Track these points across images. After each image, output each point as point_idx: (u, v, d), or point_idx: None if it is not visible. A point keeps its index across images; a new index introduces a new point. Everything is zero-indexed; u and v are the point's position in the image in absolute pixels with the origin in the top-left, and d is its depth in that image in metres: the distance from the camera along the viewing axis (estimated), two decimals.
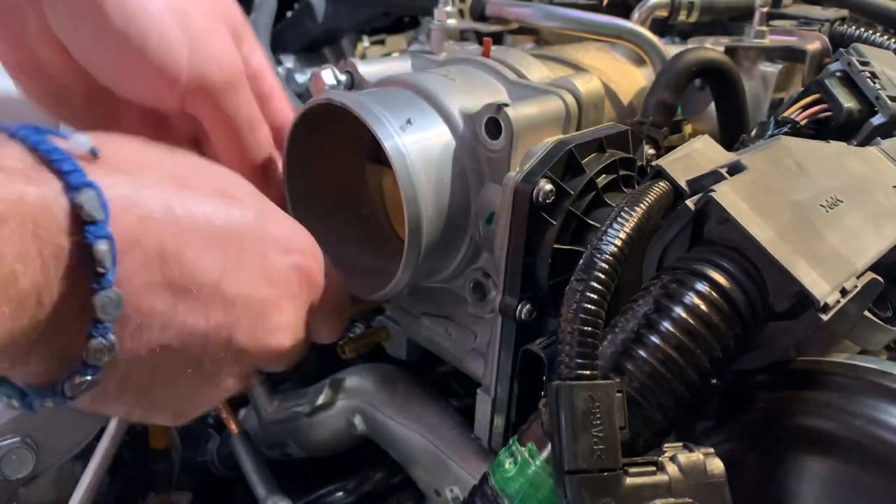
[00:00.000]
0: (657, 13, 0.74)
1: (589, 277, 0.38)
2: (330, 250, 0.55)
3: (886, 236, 0.46)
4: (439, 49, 0.72)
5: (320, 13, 1.12)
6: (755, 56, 0.73)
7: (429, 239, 0.55)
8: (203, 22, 0.54)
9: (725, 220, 0.42)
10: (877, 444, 0.40)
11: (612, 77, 0.70)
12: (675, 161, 0.46)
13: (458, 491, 0.62)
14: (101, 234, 0.37)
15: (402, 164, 0.53)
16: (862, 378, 0.42)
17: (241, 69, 0.57)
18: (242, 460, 0.76)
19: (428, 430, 0.66)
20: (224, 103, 0.56)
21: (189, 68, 0.53)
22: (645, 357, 0.40)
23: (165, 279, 0.42)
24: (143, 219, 0.41)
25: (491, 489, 0.41)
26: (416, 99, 0.57)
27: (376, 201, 0.68)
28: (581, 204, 0.54)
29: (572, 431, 0.37)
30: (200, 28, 0.53)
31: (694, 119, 0.75)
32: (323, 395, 0.75)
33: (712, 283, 0.42)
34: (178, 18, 0.52)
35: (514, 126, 0.53)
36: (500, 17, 0.73)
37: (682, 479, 0.37)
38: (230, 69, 0.56)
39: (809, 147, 0.51)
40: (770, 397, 0.45)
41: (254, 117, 0.59)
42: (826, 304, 0.40)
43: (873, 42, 0.75)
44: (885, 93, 0.59)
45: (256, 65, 0.61)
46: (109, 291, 0.38)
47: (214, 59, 0.54)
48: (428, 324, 0.67)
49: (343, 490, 0.81)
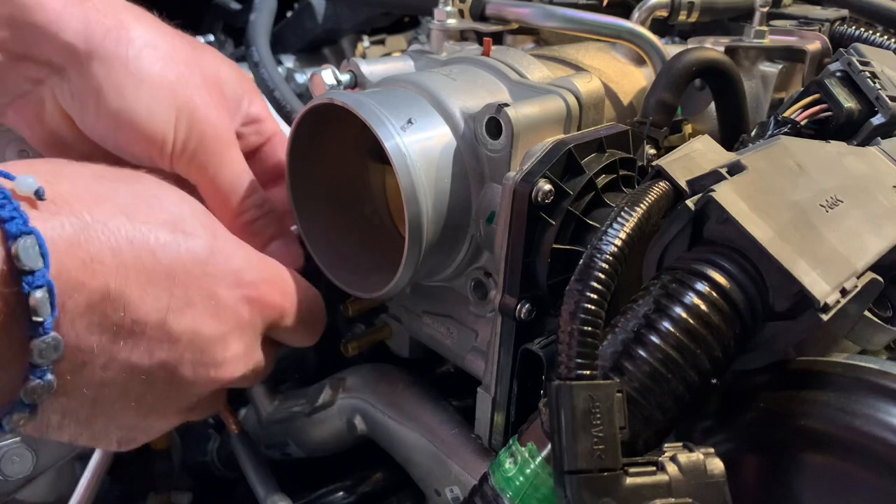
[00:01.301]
0: (657, 13, 0.74)
1: (589, 277, 0.38)
2: (332, 248, 0.55)
3: (886, 236, 0.46)
4: (439, 49, 0.72)
5: (320, 13, 1.12)
6: (755, 56, 0.73)
7: (429, 238, 0.55)
8: (193, 92, 0.59)
9: (725, 219, 0.42)
10: (877, 444, 0.40)
11: (612, 77, 0.70)
12: (675, 161, 0.46)
13: (458, 491, 0.62)
14: (38, 284, 0.38)
15: (403, 164, 0.53)
16: (862, 378, 0.42)
17: (226, 137, 0.61)
18: (242, 460, 0.76)
19: (428, 430, 0.66)
20: (209, 167, 0.60)
21: (175, 136, 0.58)
22: (645, 357, 0.40)
23: (109, 320, 0.43)
24: (87, 261, 0.42)
25: (491, 489, 0.41)
26: (418, 99, 0.58)
27: (378, 200, 0.68)
28: (580, 204, 0.54)
29: (572, 431, 0.37)
30: (190, 98, 0.59)
31: (694, 119, 0.75)
32: (323, 395, 0.75)
33: (712, 282, 0.42)
34: (169, 93, 0.58)
35: (515, 126, 0.53)
36: (500, 17, 0.73)
37: (682, 479, 0.37)
38: (215, 135, 0.60)
39: (809, 147, 0.51)
40: (770, 397, 0.45)
41: (237, 181, 0.62)
42: (826, 304, 0.40)
43: (873, 42, 0.75)
44: (885, 93, 0.59)
45: (256, 114, 0.67)
46: (46, 337, 0.39)
47: (200, 127, 0.59)
48: (430, 322, 0.67)
49: (343, 490, 0.81)
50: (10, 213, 0.39)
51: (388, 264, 0.58)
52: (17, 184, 0.41)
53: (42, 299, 0.38)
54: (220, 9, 1.27)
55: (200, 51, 0.63)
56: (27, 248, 0.38)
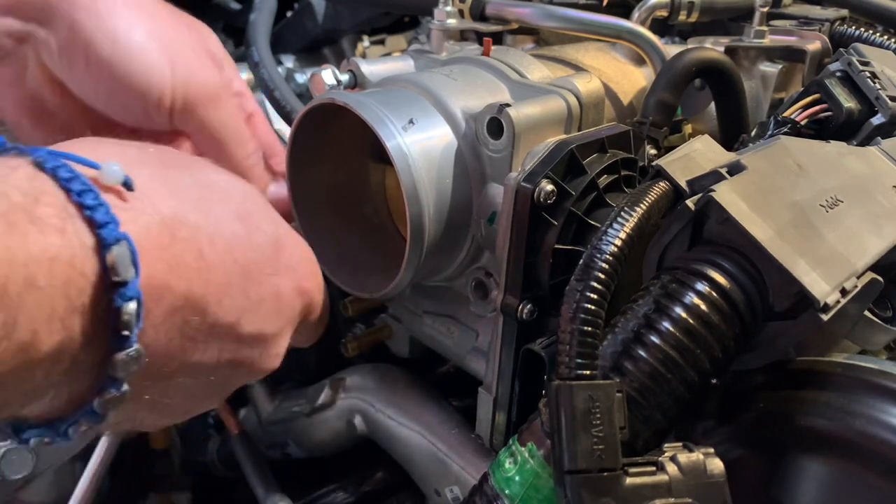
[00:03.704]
0: (657, 13, 0.74)
1: (589, 277, 0.38)
2: (333, 248, 0.55)
3: (886, 236, 0.46)
4: (439, 49, 0.72)
5: (320, 13, 1.12)
6: (755, 56, 0.73)
7: (431, 238, 0.55)
8: (184, 46, 0.57)
9: (725, 219, 0.42)
10: (877, 444, 0.40)
11: (612, 77, 0.70)
12: (675, 161, 0.46)
13: (458, 491, 0.62)
14: (130, 296, 0.35)
15: (405, 164, 0.53)
16: (862, 378, 0.42)
17: (223, 84, 0.60)
18: (242, 460, 0.76)
19: (428, 430, 0.66)
20: (209, 116, 0.58)
21: (173, 85, 0.56)
22: (645, 357, 0.40)
23: (188, 325, 0.41)
24: (172, 265, 0.39)
25: (491, 489, 0.41)
26: (419, 99, 0.58)
27: (379, 200, 0.68)
28: (582, 204, 0.54)
29: (572, 431, 0.37)
30: (182, 51, 0.57)
31: (694, 119, 0.75)
32: (323, 395, 0.75)
33: (712, 282, 0.42)
34: (160, 44, 0.56)
35: (516, 126, 0.53)
36: (500, 17, 0.73)
37: (682, 479, 0.37)
38: (212, 83, 0.58)
39: (809, 147, 0.51)
40: (770, 397, 0.45)
41: (239, 130, 0.61)
42: (826, 304, 0.40)
43: (873, 42, 0.75)
44: (885, 93, 0.59)
45: (237, 88, 0.64)
46: (130, 350, 0.36)
47: (196, 76, 0.57)
48: (430, 322, 0.67)
49: (343, 490, 0.81)
50: (104, 217, 0.35)
51: (388, 264, 0.58)
52: (103, 173, 0.37)
53: (132, 312, 0.35)
54: (220, 9, 1.27)
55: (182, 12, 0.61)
56: (123, 256, 0.35)
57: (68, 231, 0.34)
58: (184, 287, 0.40)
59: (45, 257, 0.33)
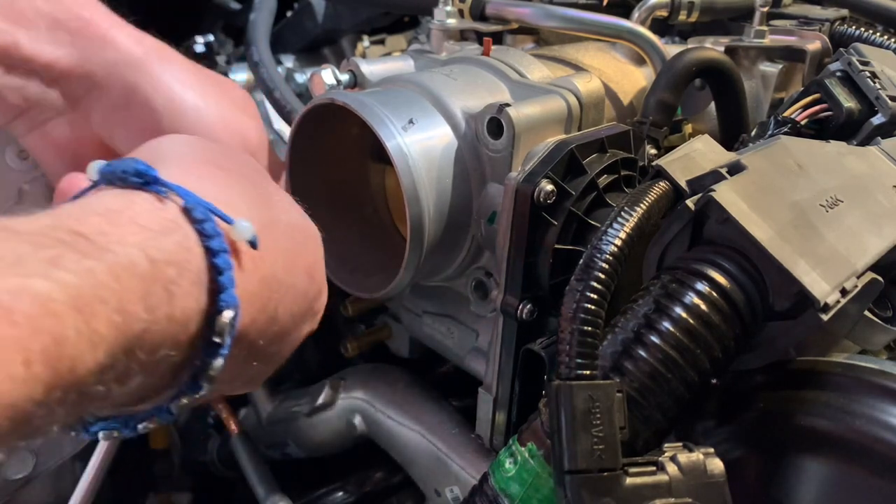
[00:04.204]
0: (657, 13, 0.74)
1: (589, 277, 0.38)
2: (333, 249, 0.55)
3: (886, 236, 0.46)
4: (439, 49, 0.72)
5: (320, 13, 1.12)
6: (755, 56, 0.73)
7: (431, 238, 0.55)
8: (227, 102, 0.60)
9: (725, 219, 0.42)
10: (877, 444, 0.40)
11: (612, 77, 0.70)
12: (675, 161, 0.46)
13: (458, 491, 0.62)
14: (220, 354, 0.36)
15: (405, 164, 0.53)
16: (862, 378, 0.42)
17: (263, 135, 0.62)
18: (242, 460, 0.76)
19: (428, 430, 0.66)
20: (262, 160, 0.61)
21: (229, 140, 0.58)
22: (645, 357, 0.40)
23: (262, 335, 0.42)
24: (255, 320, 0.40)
25: (491, 489, 0.41)
26: (419, 98, 0.58)
27: (379, 200, 0.68)
28: (582, 204, 0.54)
29: (572, 431, 0.37)
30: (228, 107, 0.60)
31: (694, 119, 0.75)
32: (323, 395, 0.75)
33: (712, 282, 0.42)
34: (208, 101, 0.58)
35: (516, 126, 0.53)
36: (500, 17, 0.73)
37: (682, 479, 0.37)
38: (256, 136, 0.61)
39: (809, 147, 0.51)
40: (770, 397, 0.45)
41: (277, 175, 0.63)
42: (826, 304, 0.40)
43: (873, 42, 0.75)
44: (885, 93, 0.59)
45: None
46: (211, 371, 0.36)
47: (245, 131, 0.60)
48: (430, 322, 0.67)
49: (343, 490, 0.81)
50: (227, 282, 0.35)
51: (388, 264, 0.58)
52: (234, 230, 0.37)
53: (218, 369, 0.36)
54: (220, 9, 1.27)
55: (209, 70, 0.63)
56: (230, 322, 0.35)
57: (198, 297, 0.35)
58: (268, 315, 0.41)
59: (179, 324, 0.33)
